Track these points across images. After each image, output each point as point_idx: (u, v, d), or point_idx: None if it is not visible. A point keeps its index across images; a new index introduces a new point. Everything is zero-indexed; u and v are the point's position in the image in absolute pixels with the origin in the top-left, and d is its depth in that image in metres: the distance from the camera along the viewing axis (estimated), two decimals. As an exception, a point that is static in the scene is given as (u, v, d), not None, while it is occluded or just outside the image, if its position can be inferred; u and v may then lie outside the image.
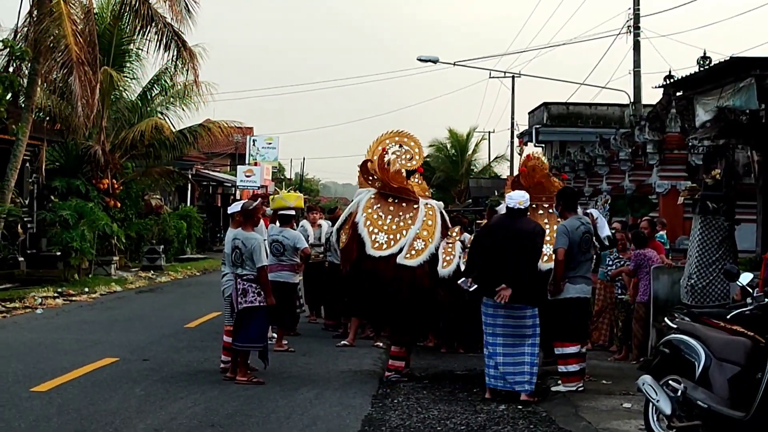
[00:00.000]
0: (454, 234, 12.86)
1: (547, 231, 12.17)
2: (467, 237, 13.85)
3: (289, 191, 16.39)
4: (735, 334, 8.20)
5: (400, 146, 13.37)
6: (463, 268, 12.16)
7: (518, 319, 11.31)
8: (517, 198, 11.42)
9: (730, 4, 62.13)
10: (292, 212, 15.27)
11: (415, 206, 12.75)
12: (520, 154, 13.57)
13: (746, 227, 16.79)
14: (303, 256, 14.91)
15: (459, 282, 11.51)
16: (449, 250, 12.50)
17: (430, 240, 12.43)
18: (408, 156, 13.22)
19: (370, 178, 12.94)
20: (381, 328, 13.41)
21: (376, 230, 12.48)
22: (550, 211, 12.64)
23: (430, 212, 12.76)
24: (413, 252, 12.33)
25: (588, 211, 12.91)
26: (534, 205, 12.50)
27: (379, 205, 12.74)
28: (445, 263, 12.33)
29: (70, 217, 26.25)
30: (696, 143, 16.54)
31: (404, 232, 12.46)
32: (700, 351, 8.28)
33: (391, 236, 12.44)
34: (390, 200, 12.79)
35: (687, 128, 16.82)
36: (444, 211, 13.25)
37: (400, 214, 12.66)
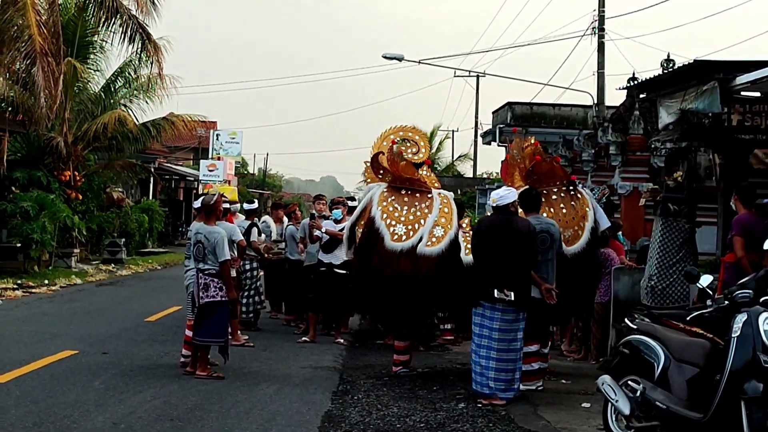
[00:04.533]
0: (465, 225, 12.85)
1: (565, 213, 12.40)
2: None
3: (222, 184, 16.31)
4: (694, 336, 8.27)
5: (404, 140, 13.37)
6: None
7: (513, 323, 11.06)
8: (500, 194, 11.33)
9: (695, 8, 62.57)
10: (228, 205, 15.19)
11: (429, 195, 12.76)
12: (507, 144, 13.28)
13: (707, 230, 16.90)
14: (239, 249, 14.52)
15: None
16: (468, 238, 12.51)
17: (449, 226, 12.41)
18: (414, 150, 13.24)
19: (381, 171, 12.95)
20: (390, 325, 13.38)
21: (393, 222, 12.44)
22: (562, 195, 12.76)
23: (445, 200, 12.76)
24: (434, 239, 12.27)
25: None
26: (545, 191, 12.63)
27: (393, 198, 12.72)
28: (467, 251, 12.25)
29: (31, 209, 26.03)
30: (658, 145, 16.61)
31: (422, 221, 12.43)
32: (659, 352, 8.34)
33: (410, 227, 12.40)
34: (403, 192, 12.79)
35: (650, 130, 16.85)
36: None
37: (416, 204, 12.66)
